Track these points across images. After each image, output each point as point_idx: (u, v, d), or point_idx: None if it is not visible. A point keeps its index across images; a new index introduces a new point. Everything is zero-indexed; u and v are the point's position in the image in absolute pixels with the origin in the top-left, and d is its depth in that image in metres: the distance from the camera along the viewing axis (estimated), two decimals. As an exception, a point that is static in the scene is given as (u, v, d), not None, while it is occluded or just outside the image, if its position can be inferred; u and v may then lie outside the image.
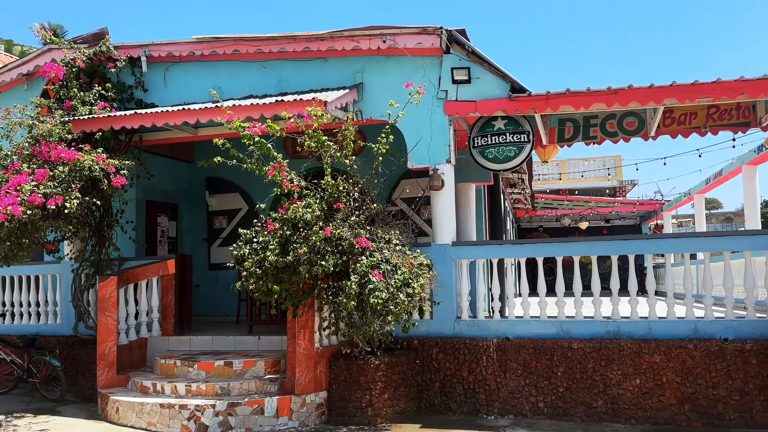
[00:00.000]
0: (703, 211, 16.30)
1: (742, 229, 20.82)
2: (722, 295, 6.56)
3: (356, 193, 6.42)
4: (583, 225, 21.66)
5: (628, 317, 6.41)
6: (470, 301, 7.14)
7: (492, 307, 6.96)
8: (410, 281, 6.03)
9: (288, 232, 5.89)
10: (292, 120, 6.19)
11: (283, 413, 6.18)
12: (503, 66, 6.87)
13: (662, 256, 7.59)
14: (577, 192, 22.45)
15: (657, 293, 6.66)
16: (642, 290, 6.97)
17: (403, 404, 6.42)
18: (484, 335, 6.69)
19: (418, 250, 6.59)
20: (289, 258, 5.74)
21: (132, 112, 7.55)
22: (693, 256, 8.58)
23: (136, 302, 7.79)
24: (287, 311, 6.37)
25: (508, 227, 17.00)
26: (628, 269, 6.56)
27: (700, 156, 11.42)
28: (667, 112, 7.75)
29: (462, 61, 6.97)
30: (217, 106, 6.76)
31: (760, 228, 12.29)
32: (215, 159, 6.19)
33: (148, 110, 7.50)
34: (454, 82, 6.96)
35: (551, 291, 6.82)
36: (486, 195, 10.56)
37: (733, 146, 9.58)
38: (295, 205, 5.95)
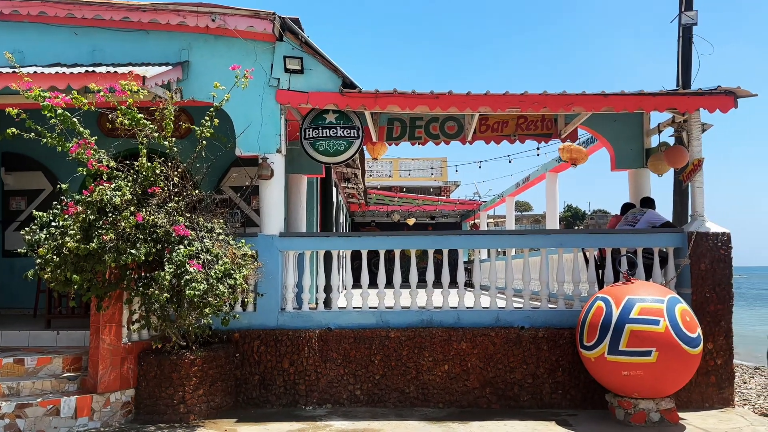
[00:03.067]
0: (513, 212, 17.97)
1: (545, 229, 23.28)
2: (521, 288, 7.26)
3: (176, 178, 6.05)
4: (411, 221, 22.78)
5: (440, 307, 6.84)
6: (296, 293, 7.12)
7: (317, 299, 7.01)
8: (232, 272, 5.84)
9: (92, 217, 5.37)
10: (102, 94, 5.65)
11: (83, 413, 5.64)
12: (342, 64, 6.93)
13: (478, 252, 8.24)
14: (404, 189, 23.53)
15: (468, 285, 7.19)
16: (466, 283, 7.46)
17: (219, 399, 6.21)
18: (307, 326, 6.71)
19: (243, 240, 6.41)
20: (93, 245, 5.23)
21: None
22: (503, 253, 9.41)
23: None
24: (90, 303, 5.82)
25: (342, 220, 17.29)
26: (454, 263, 7.00)
27: (510, 161, 12.57)
28: (482, 119, 8.41)
29: (295, 51, 6.90)
30: (14, 71, 5.95)
31: (557, 228, 13.85)
32: (9, 131, 5.44)
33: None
34: (287, 70, 6.87)
35: (374, 283, 7.04)
36: (319, 187, 10.62)
37: (537, 154, 10.67)
38: (102, 186, 5.44)
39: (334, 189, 12.49)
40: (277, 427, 5.75)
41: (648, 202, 7.82)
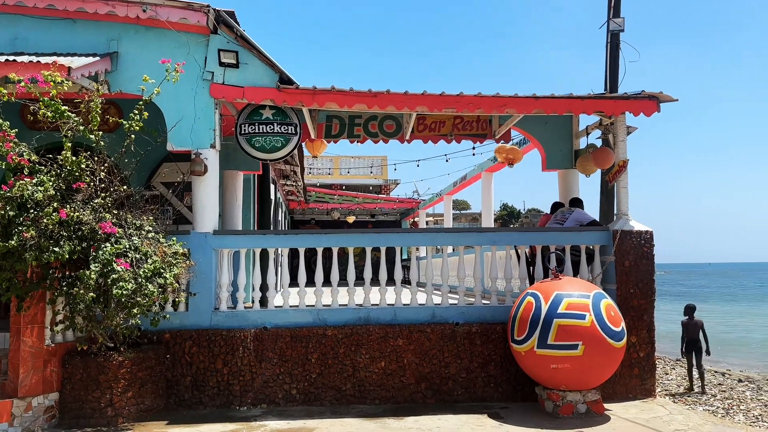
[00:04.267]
0: (451, 210, 18.27)
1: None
2: (457, 285, 7.40)
3: (103, 173, 5.83)
4: (351, 219, 22.78)
5: (377, 304, 6.88)
6: (231, 292, 7.00)
7: (253, 298, 6.91)
8: (162, 271, 5.68)
9: (12, 213, 5.10)
10: (23, 84, 5.37)
11: (3, 419, 5.38)
12: (284, 60, 6.84)
13: (416, 249, 8.37)
14: (344, 187, 23.49)
15: (405, 282, 7.27)
16: (403, 280, 7.50)
17: (149, 401, 6.02)
18: (242, 326, 6.60)
19: (174, 238, 6.24)
20: (12, 243, 4.98)
21: None
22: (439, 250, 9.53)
23: None
24: (10, 304, 5.53)
25: (280, 218, 17.08)
26: (391, 260, 7.03)
27: (447, 161, 12.77)
28: (420, 118, 8.52)
29: (230, 44, 6.76)
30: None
31: (492, 227, 14.18)
32: None
33: None
34: (222, 64, 6.72)
35: (311, 281, 7.00)
36: (256, 184, 10.45)
37: (473, 154, 10.88)
38: (22, 181, 5.17)
39: (273, 186, 12.34)
40: (209, 429, 5.64)
41: (576, 202, 8.13)
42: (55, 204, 5.27)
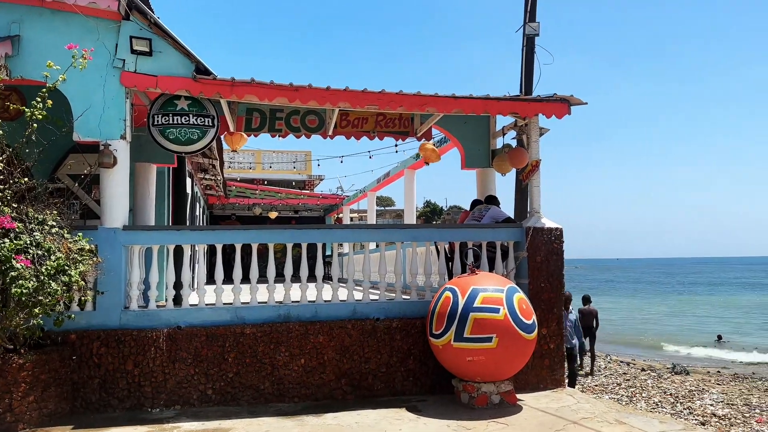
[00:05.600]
0: (375, 207, 18.38)
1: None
2: (378, 280, 7.46)
3: (1, 164, 5.43)
4: (273, 215, 22.42)
5: (298, 301, 6.82)
6: (143, 290, 6.72)
7: (166, 296, 6.66)
8: (67, 268, 5.36)
9: None
10: None
11: None
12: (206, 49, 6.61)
13: (339, 246, 8.31)
14: (266, 182, 23.08)
15: (327, 278, 7.23)
16: (325, 277, 7.44)
17: (53, 405, 5.68)
18: (154, 325, 6.35)
19: (80, 234, 5.91)
20: None
21: None
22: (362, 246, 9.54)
23: None
24: None
25: (198, 213, 16.56)
26: (313, 257, 6.96)
27: (370, 157, 12.84)
28: (343, 114, 8.50)
29: (143, 31, 6.47)
30: None
31: (414, 223, 14.39)
32: None
33: None
34: (134, 52, 6.42)
35: (229, 278, 6.83)
36: (171, 178, 10.07)
37: (396, 151, 10.99)
38: None
39: (189, 180, 11.94)
40: (118, 433, 5.40)
41: (492, 200, 8.39)
42: (-57, 196, 4.86)
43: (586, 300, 14.05)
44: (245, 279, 6.78)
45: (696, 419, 9.84)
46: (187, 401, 6.27)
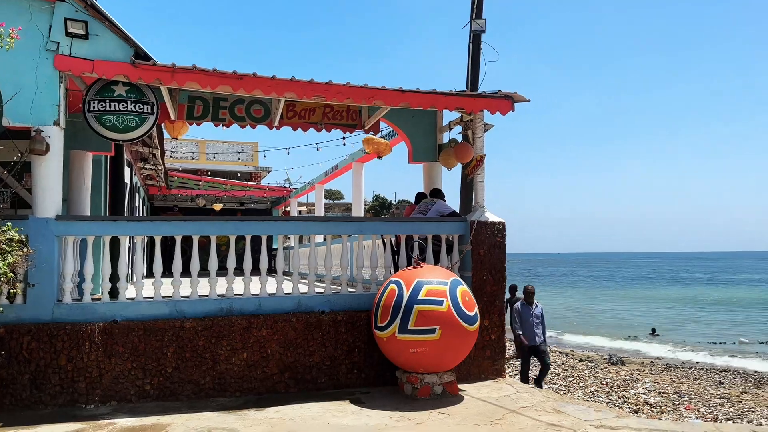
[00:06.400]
0: (323, 200, 18.28)
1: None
2: (324, 273, 7.41)
3: None
4: (218, 207, 21.93)
5: (241, 294, 6.70)
6: (77, 283, 6.46)
7: (102, 289, 6.42)
8: (-7, 259, 5.09)
9: None
10: None
11: None
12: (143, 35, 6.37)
13: (285, 238, 8.19)
14: (209, 173, 22.50)
15: (272, 272, 7.12)
16: (269, 269, 7.32)
17: (-24, 405, 5.40)
18: (89, 319, 6.11)
19: (9, 224, 5.62)
20: None
21: None
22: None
23: None
24: None
25: (138, 204, 16.02)
26: (256, 249, 6.84)
27: (318, 149, 12.73)
28: (290, 105, 8.38)
29: (79, 14, 6.19)
30: None
31: (361, 216, 14.38)
32: None
33: None
34: (68, 34, 6.13)
35: (169, 271, 6.64)
36: (108, 167, 9.69)
37: (344, 144, 10.94)
38: None
39: (129, 169, 11.55)
40: (50, 429, 5.18)
41: (437, 193, 8.47)
42: None
43: (513, 289, 13.77)
44: (186, 272, 6.61)
45: (630, 407, 10.26)
46: (123, 397, 6.07)
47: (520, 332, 9.69)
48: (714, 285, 58.49)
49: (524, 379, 9.71)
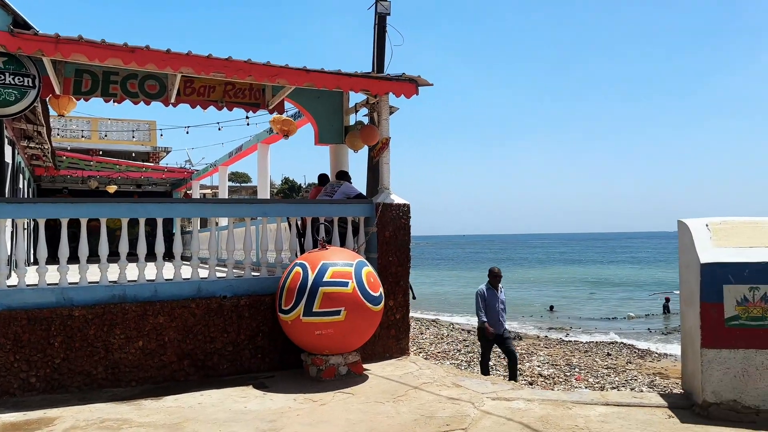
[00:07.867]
0: (227, 182, 17.71)
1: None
2: (226, 257, 7.20)
3: None
4: (112, 189, 20.72)
5: (135, 281, 6.37)
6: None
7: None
8: None
9: None
10: None
11: None
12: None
13: (189, 222, 7.88)
14: (101, 152, 21.09)
15: (169, 256, 6.81)
16: (169, 255, 6.97)
17: None
18: (-38, 310, 5.59)
19: None
20: None
21: None
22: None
23: None
24: None
25: (22, 186, 14.80)
26: (152, 234, 6.48)
27: (219, 129, 12.29)
28: (188, 81, 8.00)
29: (-57, -29, 5.56)
30: None
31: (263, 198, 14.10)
32: None
33: None
34: (-70, -5, 5.50)
35: (54, 257, 6.19)
36: (-16, 145, 8.86)
37: (247, 124, 10.64)
38: None
39: (10, 148, 10.62)
40: None
41: (344, 175, 8.45)
42: None
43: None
44: (74, 258, 6.19)
45: (525, 380, 10.85)
46: (6, 391, 5.63)
47: (485, 320, 8.92)
48: (605, 265, 63.18)
49: (485, 369, 9.15)
